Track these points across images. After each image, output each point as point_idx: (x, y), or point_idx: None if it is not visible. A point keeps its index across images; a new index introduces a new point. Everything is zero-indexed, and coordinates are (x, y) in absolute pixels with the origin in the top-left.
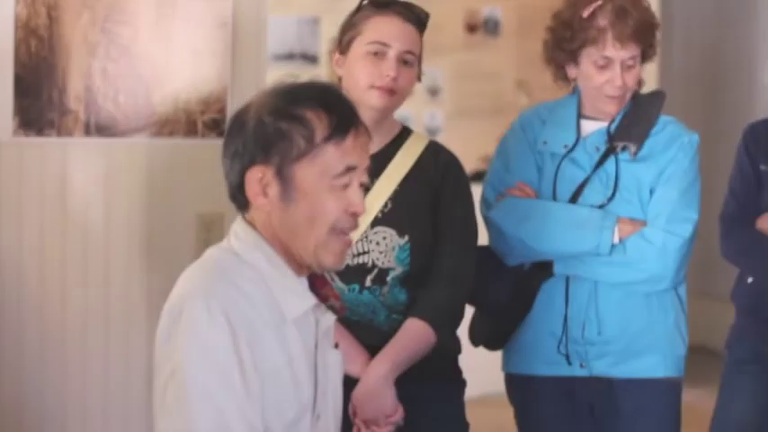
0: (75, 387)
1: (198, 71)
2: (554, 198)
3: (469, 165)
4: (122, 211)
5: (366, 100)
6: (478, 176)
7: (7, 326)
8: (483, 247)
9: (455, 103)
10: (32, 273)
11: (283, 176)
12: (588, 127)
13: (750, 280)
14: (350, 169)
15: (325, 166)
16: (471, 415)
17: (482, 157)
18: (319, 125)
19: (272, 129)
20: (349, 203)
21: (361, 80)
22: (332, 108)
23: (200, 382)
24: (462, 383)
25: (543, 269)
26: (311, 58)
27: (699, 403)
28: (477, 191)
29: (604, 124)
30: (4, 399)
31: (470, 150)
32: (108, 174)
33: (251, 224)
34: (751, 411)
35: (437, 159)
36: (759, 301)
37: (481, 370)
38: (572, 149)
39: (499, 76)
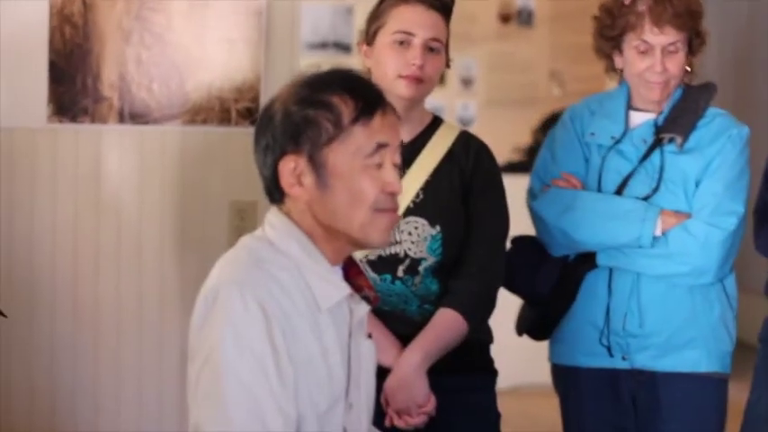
0: (109, 373)
1: (231, 59)
2: (599, 190)
3: (502, 156)
4: (156, 198)
5: (394, 89)
6: (511, 167)
7: (41, 313)
8: (529, 237)
9: (488, 94)
10: (66, 260)
11: (316, 163)
12: (637, 119)
13: None
14: (380, 147)
15: (356, 147)
16: (503, 406)
17: (515, 148)
18: (345, 108)
19: (298, 117)
20: (384, 183)
21: (389, 70)
22: (356, 91)
23: (235, 370)
24: (494, 374)
25: (587, 260)
26: (345, 48)
27: (737, 398)
28: (509, 182)
29: (653, 116)
30: (38, 385)
31: (503, 141)
32: (141, 161)
33: (286, 214)
34: None
35: (468, 149)
36: None
37: (513, 361)
38: (619, 141)
39: (532, 66)
